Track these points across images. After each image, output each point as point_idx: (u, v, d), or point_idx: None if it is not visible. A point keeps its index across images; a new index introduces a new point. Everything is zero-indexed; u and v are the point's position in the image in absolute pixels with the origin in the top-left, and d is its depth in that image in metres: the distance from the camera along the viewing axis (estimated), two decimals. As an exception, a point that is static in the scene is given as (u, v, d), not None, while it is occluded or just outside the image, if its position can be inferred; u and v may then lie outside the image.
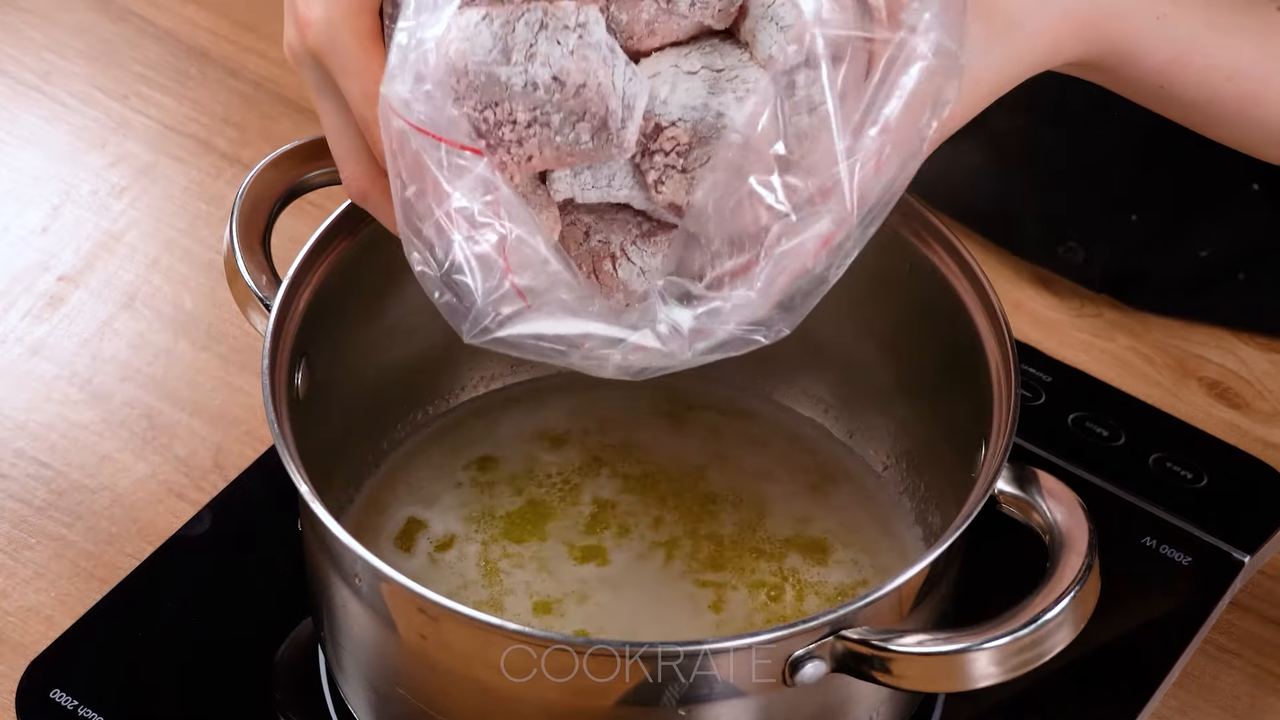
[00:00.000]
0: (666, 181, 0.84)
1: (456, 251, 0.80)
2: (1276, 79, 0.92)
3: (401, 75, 0.79)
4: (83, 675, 1.03)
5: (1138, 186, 1.18)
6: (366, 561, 0.87)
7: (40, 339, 1.19)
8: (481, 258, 0.80)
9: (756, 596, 1.02)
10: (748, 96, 0.82)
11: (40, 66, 1.35)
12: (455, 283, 0.80)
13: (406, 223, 0.81)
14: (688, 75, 0.84)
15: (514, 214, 0.80)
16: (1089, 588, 0.88)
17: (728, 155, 0.81)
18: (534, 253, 0.80)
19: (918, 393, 1.04)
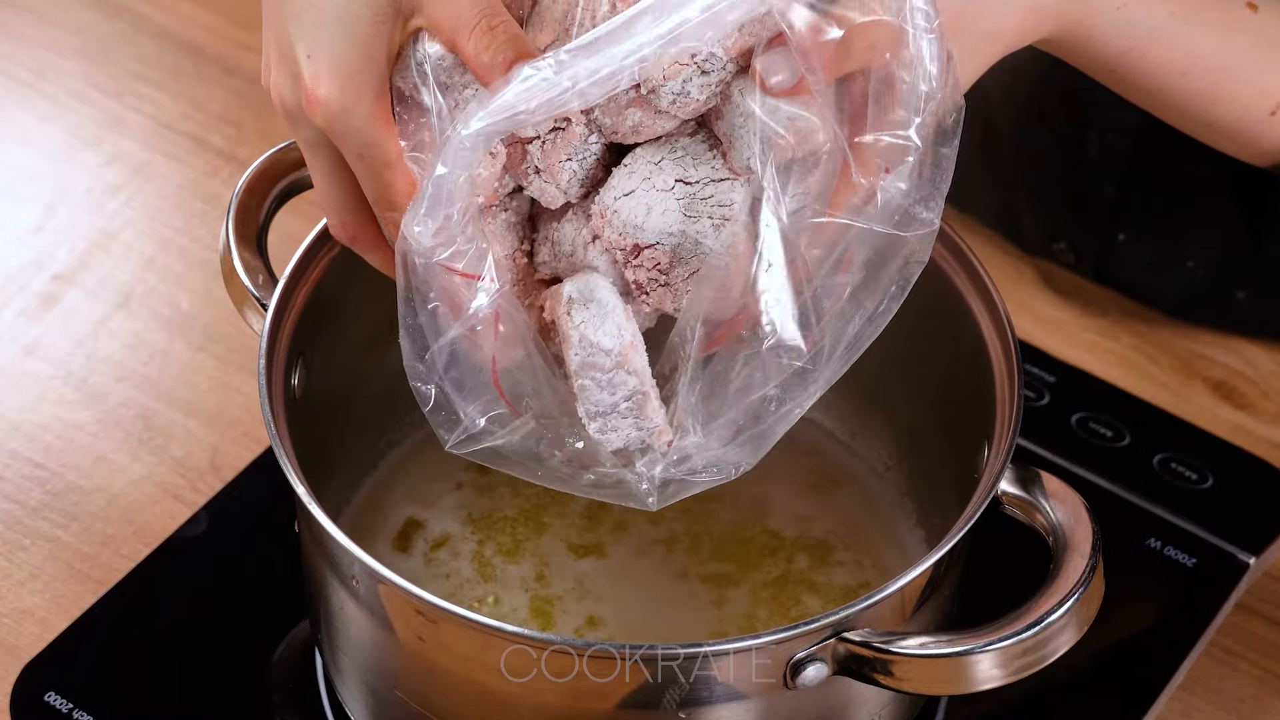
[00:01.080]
0: (652, 292, 0.88)
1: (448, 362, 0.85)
2: (1233, 77, 0.93)
3: (425, 215, 0.83)
4: (78, 678, 1.03)
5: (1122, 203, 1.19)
6: (364, 563, 0.87)
7: (35, 339, 1.19)
8: (472, 369, 0.85)
9: (758, 596, 1.02)
10: (724, 225, 0.85)
11: (35, 64, 1.35)
12: (446, 394, 0.86)
13: (406, 330, 0.85)
14: (662, 193, 0.86)
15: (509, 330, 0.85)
16: (1093, 590, 0.88)
17: (709, 276, 0.85)
18: (526, 365, 0.86)
19: (920, 393, 1.04)
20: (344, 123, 0.86)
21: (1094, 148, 1.17)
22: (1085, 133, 1.17)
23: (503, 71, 0.83)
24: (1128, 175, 1.17)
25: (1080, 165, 1.18)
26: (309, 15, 0.85)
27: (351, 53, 0.85)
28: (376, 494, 1.07)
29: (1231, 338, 1.21)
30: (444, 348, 0.85)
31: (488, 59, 0.84)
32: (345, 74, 0.85)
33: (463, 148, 0.82)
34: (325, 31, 0.85)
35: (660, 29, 0.81)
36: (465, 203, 0.83)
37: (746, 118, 0.84)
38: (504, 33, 0.84)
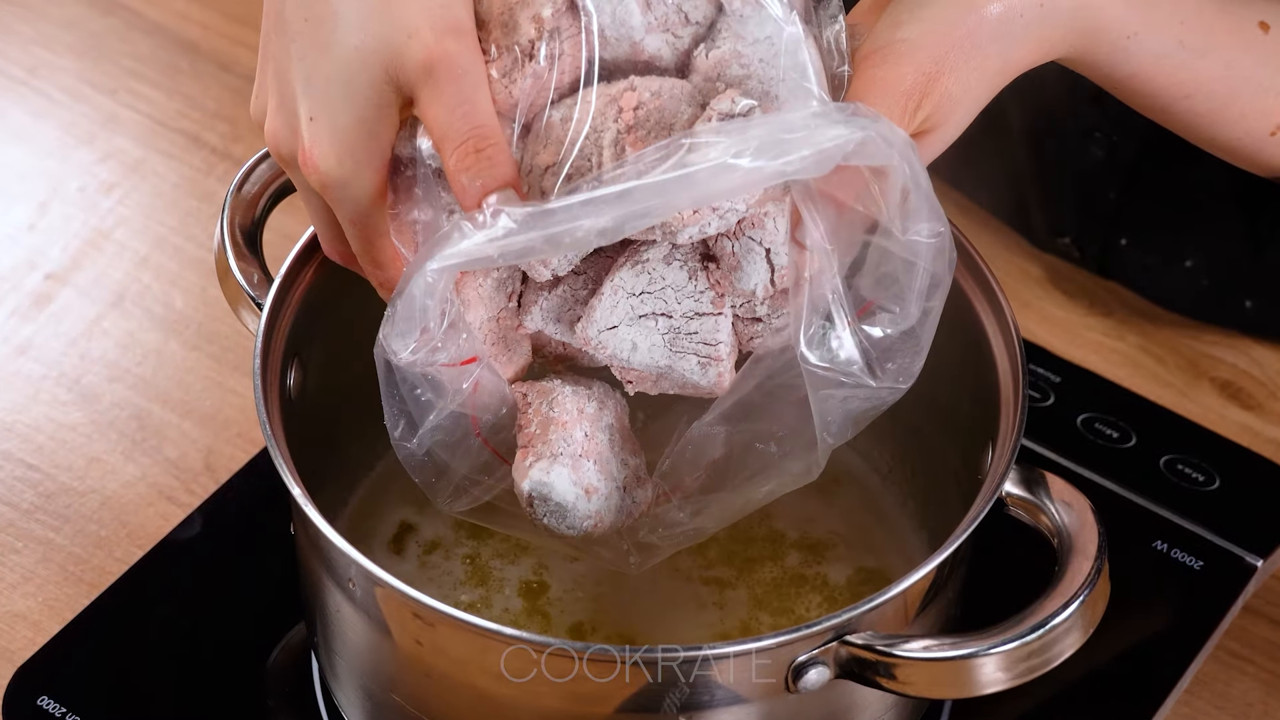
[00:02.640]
0: (643, 386, 0.91)
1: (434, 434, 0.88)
2: (1236, 101, 0.95)
3: (401, 333, 0.84)
4: (70, 682, 1.03)
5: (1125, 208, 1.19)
6: (360, 565, 0.87)
7: (27, 338, 1.19)
8: (459, 435, 0.88)
9: (759, 598, 1.02)
10: (710, 364, 0.88)
11: (28, 60, 1.35)
12: (435, 461, 0.88)
13: (391, 415, 0.87)
14: (647, 329, 0.88)
15: (487, 388, 0.88)
16: (1098, 592, 0.88)
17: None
18: (506, 421, 0.89)
19: (923, 393, 1.04)
20: (340, 192, 0.87)
21: (1100, 149, 1.17)
22: (1091, 135, 1.17)
23: (477, 197, 0.83)
24: (1132, 181, 1.17)
25: (1086, 167, 1.18)
26: (316, 77, 0.85)
27: (355, 127, 0.85)
28: (372, 496, 1.07)
29: (1239, 338, 1.21)
30: (430, 430, 0.87)
31: (465, 181, 0.83)
32: (346, 147, 0.85)
33: (427, 280, 0.83)
34: (331, 100, 0.85)
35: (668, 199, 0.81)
36: (440, 310, 0.84)
37: (756, 249, 0.86)
38: (489, 159, 0.83)
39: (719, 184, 0.81)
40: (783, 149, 0.81)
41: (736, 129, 0.81)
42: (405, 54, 0.83)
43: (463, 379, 0.86)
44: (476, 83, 0.84)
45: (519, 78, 0.85)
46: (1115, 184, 1.17)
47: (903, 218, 0.84)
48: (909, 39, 0.86)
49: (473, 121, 0.83)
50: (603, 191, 0.81)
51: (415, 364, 0.85)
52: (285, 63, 0.87)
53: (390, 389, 0.86)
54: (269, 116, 0.88)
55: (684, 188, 0.81)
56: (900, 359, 0.87)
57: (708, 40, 0.85)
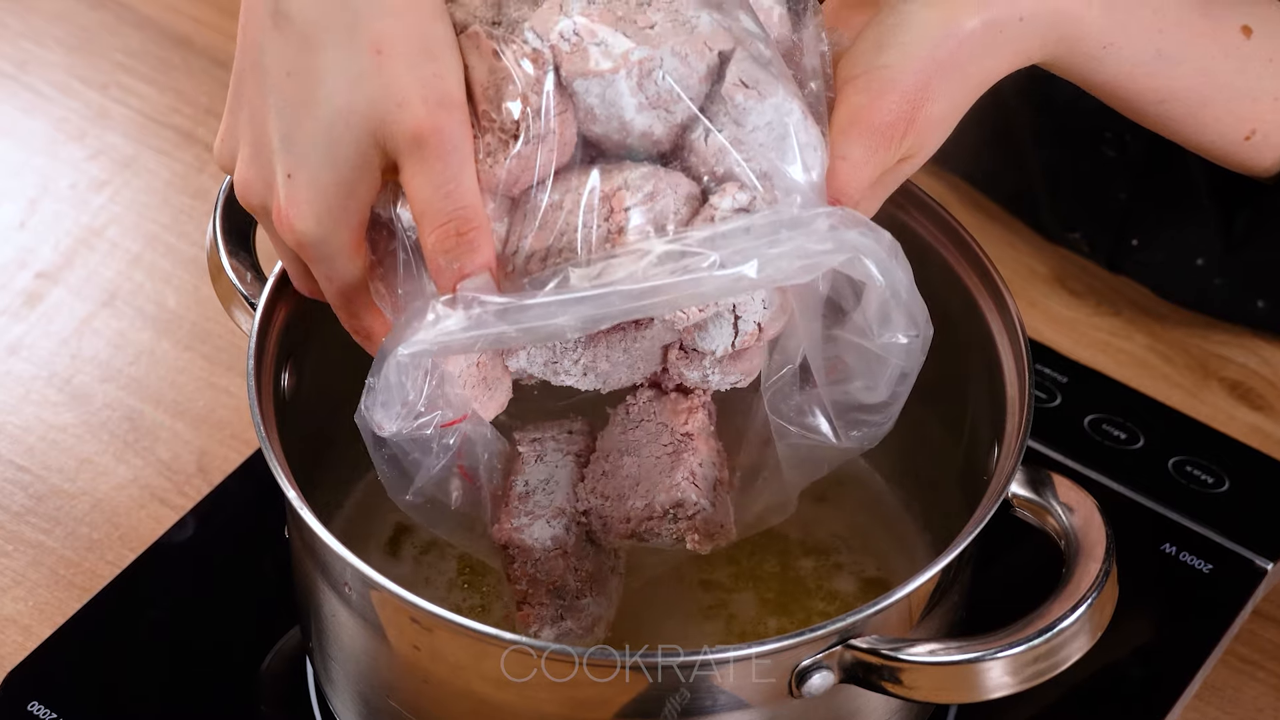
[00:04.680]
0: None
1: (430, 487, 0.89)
2: (1211, 106, 0.96)
3: (383, 404, 0.85)
4: (61, 687, 1.03)
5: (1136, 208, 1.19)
6: (356, 569, 0.87)
7: (17, 338, 1.19)
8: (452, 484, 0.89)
9: (761, 600, 1.02)
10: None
11: (17, 55, 1.35)
12: (436, 504, 0.89)
13: (384, 476, 0.88)
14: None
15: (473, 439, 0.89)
16: (1106, 595, 0.88)
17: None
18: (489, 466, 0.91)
19: (928, 393, 1.04)
20: (316, 251, 0.86)
21: (1111, 150, 1.17)
22: (1101, 135, 1.17)
23: (453, 281, 0.83)
24: (1142, 181, 1.17)
25: (1096, 167, 1.18)
26: (297, 134, 0.84)
27: (334, 188, 0.84)
28: (368, 498, 1.07)
29: (1249, 337, 1.21)
30: (423, 484, 0.88)
31: (443, 263, 0.83)
32: (325, 208, 0.85)
33: (399, 363, 0.83)
34: (310, 159, 0.84)
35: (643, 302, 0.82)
36: (420, 387, 0.84)
37: (725, 315, 0.87)
38: (469, 243, 0.83)
39: (697, 292, 0.82)
40: (765, 262, 0.81)
41: (721, 234, 0.82)
42: (394, 122, 0.82)
43: (448, 436, 0.86)
44: (464, 160, 0.83)
45: (503, 157, 0.84)
46: (1126, 184, 1.18)
47: (879, 324, 0.85)
48: (891, 65, 0.86)
49: (457, 202, 0.82)
50: (580, 294, 0.81)
51: (399, 433, 0.85)
52: (263, 113, 0.85)
53: (379, 454, 0.86)
54: (241, 165, 0.87)
55: (658, 294, 0.81)
56: (866, 427, 0.89)
57: (708, 119, 0.85)
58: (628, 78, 0.84)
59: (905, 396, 0.88)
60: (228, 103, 0.88)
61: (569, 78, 0.84)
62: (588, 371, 0.90)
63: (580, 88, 0.84)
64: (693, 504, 0.89)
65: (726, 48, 0.84)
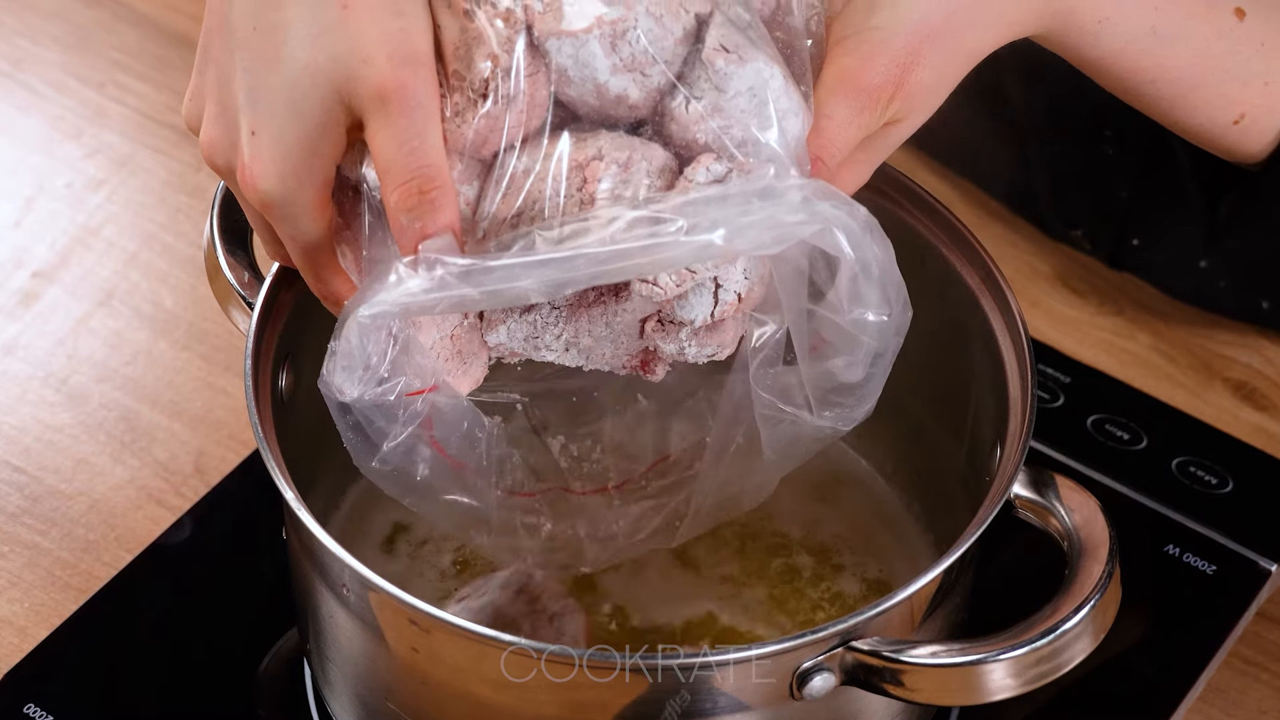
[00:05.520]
0: None
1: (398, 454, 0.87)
2: (1201, 88, 0.96)
3: (345, 368, 0.84)
4: (58, 689, 1.03)
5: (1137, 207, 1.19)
6: (354, 570, 0.87)
7: (13, 338, 1.19)
8: (421, 452, 0.88)
9: (762, 600, 1.02)
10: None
11: (13, 53, 1.35)
12: (402, 472, 0.88)
13: (349, 442, 0.87)
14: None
15: (445, 409, 0.87)
16: (1109, 597, 0.88)
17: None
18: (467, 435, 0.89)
19: (930, 393, 1.04)
20: (280, 210, 0.86)
21: (1110, 148, 1.17)
22: (1101, 133, 1.17)
23: (414, 241, 0.82)
24: (1143, 179, 1.17)
25: (1097, 166, 1.18)
26: (261, 90, 0.84)
27: (298, 146, 0.84)
28: (365, 499, 1.07)
29: (1253, 337, 1.21)
30: (390, 451, 0.86)
31: (405, 221, 0.82)
32: (289, 166, 0.84)
33: (360, 324, 0.82)
34: (274, 115, 0.84)
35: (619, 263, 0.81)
36: (383, 350, 0.83)
37: (706, 283, 0.86)
38: (431, 202, 0.82)
39: (664, 257, 0.81)
40: (735, 231, 0.80)
41: (692, 202, 0.81)
42: (358, 78, 0.82)
43: (416, 404, 0.85)
44: (428, 118, 0.82)
45: (471, 116, 0.83)
46: (1126, 183, 1.18)
47: (849, 300, 0.84)
48: (882, 27, 0.86)
49: (420, 160, 0.82)
50: (544, 256, 0.80)
51: (362, 399, 0.84)
52: (228, 70, 0.85)
53: (343, 420, 0.85)
54: (206, 123, 0.87)
55: (626, 259, 0.80)
56: (841, 408, 0.88)
57: (686, 85, 0.85)
58: (601, 39, 0.83)
59: (882, 379, 0.87)
60: (195, 62, 0.88)
61: (541, 38, 0.83)
62: (569, 347, 0.89)
63: (553, 48, 0.83)
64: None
65: (703, 10, 0.84)
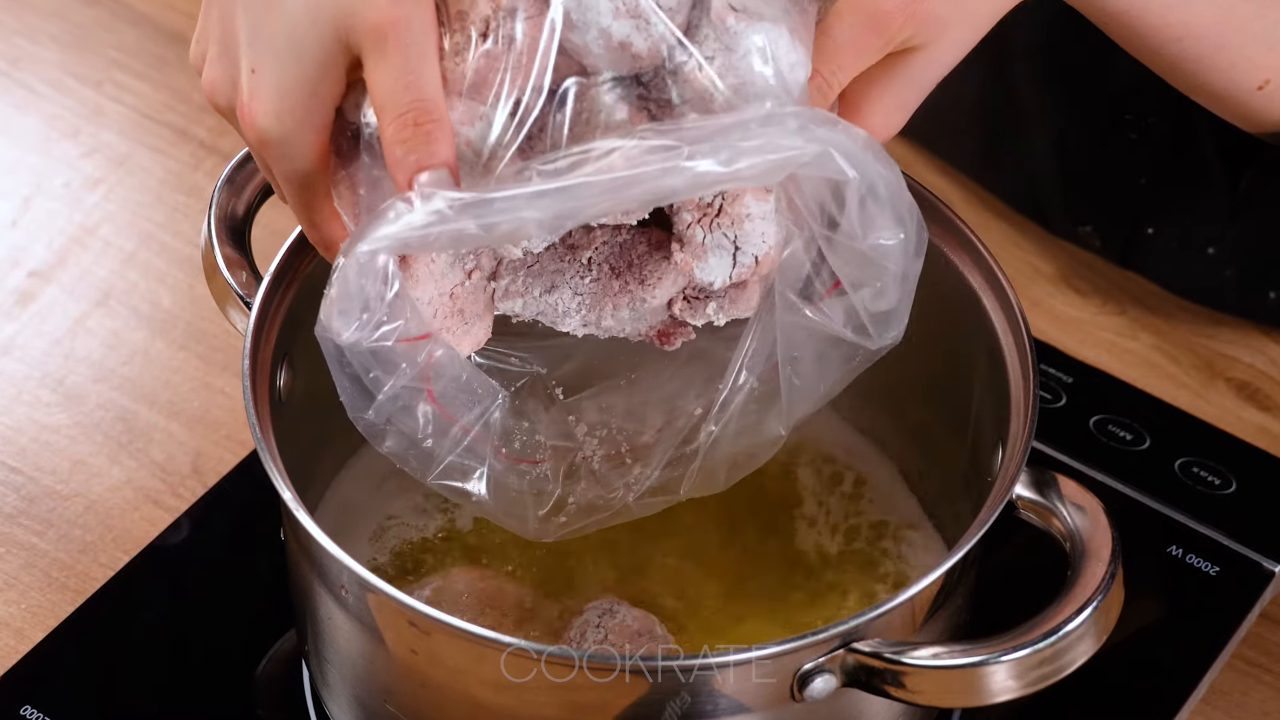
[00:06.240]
0: None
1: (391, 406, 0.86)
2: (1227, 49, 0.95)
3: (342, 311, 0.83)
4: (54, 691, 1.03)
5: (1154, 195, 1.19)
6: (353, 571, 0.87)
7: (10, 338, 1.19)
8: (415, 406, 0.86)
9: (764, 600, 1.02)
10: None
11: (10, 52, 1.35)
12: (399, 433, 0.87)
13: (343, 391, 0.86)
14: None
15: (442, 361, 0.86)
16: (1112, 598, 0.88)
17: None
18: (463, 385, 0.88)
19: (932, 393, 1.04)
20: (278, 150, 0.86)
21: (1134, 133, 1.17)
22: (1122, 118, 1.17)
23: (409, 173, 0.81)
24: (1163, 165, 1.17)
25: (1116, 154, 1.18)
26: (262, 28, 0.84)
27: (297, 85, 0.84)
28: (363, 499, 1.07)
29: (1256, 336, 1.21)
30: (387, 400, 0.85)
31: (400, 154, 0.82)
32: (288, 104, 0.84)
33: (359, 261, 0.81)
34: (274, 54, 0.84)
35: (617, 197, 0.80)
36: (379, 289, 0.82)
37: (725, 244, 0.86)
38: (426, 134, 0.82)
39: (664, 185, 0.80)
40: (734, 155, 0.80)
41: (691, 130, 0.81)
42: (357, 14, 0.82)
43: (415, 354, 0.85)
44: (425, 53, 0.82)
45: (470, 55, 0.83)
46: (1147, 169, 1.17)
47: (862, 225, 0.83)
48: None
49: (416, 93, 0.82)
50: (545, 185, 0.80)
51: (360, 342, 0.83)
52: (230, 9, 0.86)
53: (340, 370, 0.84)
54: (208, 64, 0.88)
55: (628, 187, 0.80)
56: (870, 335, 0.87)
57: (693, 45, 0.84)
58: None
59: (908, 302, 0.86)
60: (202, 6, 0.88)
61: None
62: (587, 325, 0.90)
63: None
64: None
65: None
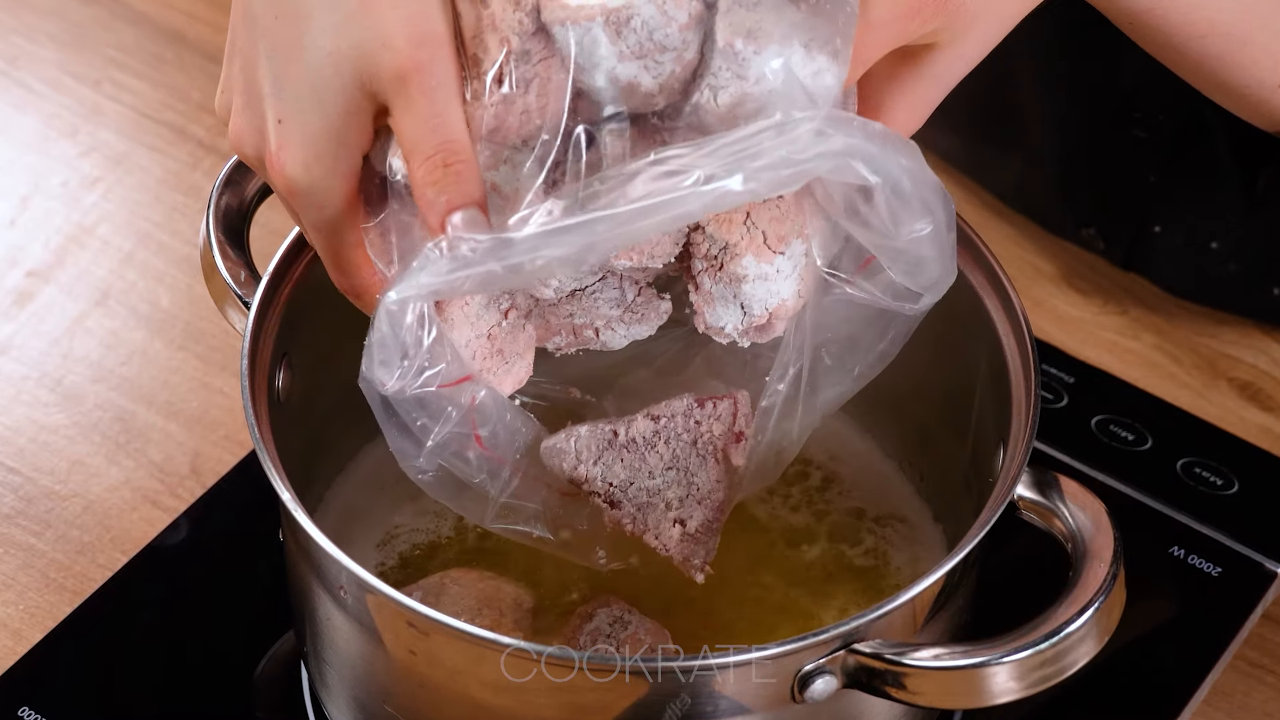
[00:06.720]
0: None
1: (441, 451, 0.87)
2: (1250, 45, 0.95)
3: (383, 362, 0.83)
4: (52, 693, 1.03)
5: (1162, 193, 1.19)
6: (352, 572, 0.87)
7: (8, 338, 1.19)
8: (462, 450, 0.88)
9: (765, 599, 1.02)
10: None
11: (8, 51, 1.35)
12: (448, 474, 0.88)
13: (392, 439, 0.87)
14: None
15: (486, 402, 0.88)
16: (1114, 599, 0.88)
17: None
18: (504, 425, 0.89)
19: (933, 392, 1.04)
20: (306, 199, 0.86)
21: (1142, 131, 1.16)
22: (1130, 116, 1.16)
23: (441, 214, 0.82)
24: (1171, 163, 1.17)
25: (1123, 153, 1.18)
26: (286, 78, 0.84)
27: (324, 134, 0.84)
28: (362, 500, 1.07)
29: (1258, 336, 1.21)
30: (434, 449, 0.86)
31: (431, 195, 0.82)
32: (315, 153, 0.85)
33: (390, 310, 0.82)
34: (299, 104, 0.84)
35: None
36: (416, 337, 0.83)
37: (730, 299, 0.87)
38: (456, 174, 0.82)
39: (681, 211, 0.80)
40: (750, 174, 0.80)
41: (707, 147, 0.81)
42: (379, 62, 0.83)
43: (459, 397, 0.86)
44: (449, 96, 0.83)
45: (488, 100, 0.84)
46: (1155, 166, 1.17)
47: (893, 223, 0.84)
48: None
49: (443, 135, 0.82)
50: (565, 222, 0.80)
51: (405, 390, 0.84)
52: (253, 59, 0.86)
53: (387, 419, 0.85)
54: (234, 114, 0.88)
55: (645, 216, 0.80)
56: (916, 294, 0.88)
57: (707, 77, 0.84)
58: (606, 26, 0.83)
59: (953, 262, 0.86)
60: (225, 55, 0.88)
61: (548, 24, 0.84)
62: (629, 327, 0.92)
63: (560, 35, 0.84)
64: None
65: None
